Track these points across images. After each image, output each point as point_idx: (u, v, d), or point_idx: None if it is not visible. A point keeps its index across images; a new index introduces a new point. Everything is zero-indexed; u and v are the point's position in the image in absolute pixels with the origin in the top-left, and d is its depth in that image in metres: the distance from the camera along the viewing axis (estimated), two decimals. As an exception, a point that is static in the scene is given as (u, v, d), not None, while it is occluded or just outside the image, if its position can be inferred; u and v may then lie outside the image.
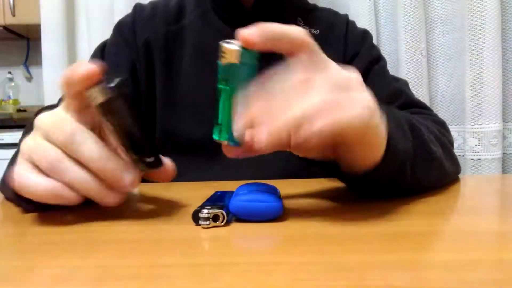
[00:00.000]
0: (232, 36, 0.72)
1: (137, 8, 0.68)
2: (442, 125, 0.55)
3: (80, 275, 0.21)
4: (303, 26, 0.67)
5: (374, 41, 0.82)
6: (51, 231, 0.29)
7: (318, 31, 0.67)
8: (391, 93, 0.63)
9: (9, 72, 2.12)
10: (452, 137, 0.55)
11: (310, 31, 0.66)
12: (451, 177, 0.46)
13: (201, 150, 0.62)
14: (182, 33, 0.65)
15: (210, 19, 0.65)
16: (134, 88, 0.64)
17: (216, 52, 0.71)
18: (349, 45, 0.67)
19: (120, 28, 0.67)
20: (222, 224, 0.29)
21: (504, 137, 0.96)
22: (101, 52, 0.65)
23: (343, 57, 0.67)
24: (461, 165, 0.95)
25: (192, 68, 0.63)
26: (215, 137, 0.31)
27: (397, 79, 0.67)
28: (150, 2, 0.69)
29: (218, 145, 0.29)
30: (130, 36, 0.65)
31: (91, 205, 0.37)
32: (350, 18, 0.72)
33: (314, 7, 0.72)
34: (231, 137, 0.30)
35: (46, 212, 0.34)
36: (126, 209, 0.36)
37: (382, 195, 0.37)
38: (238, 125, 0.29)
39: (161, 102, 0.64)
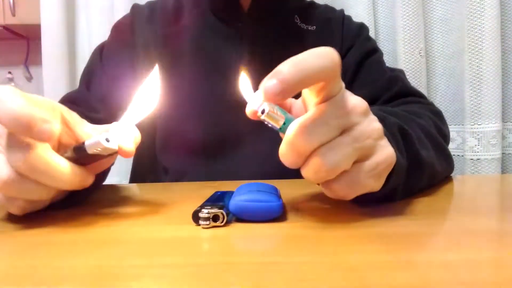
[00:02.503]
0: (229, 35, 0.71)
1: (135, 8, 0.68)
2: (439, 116, 0.55)
3: (80, 275, 0.21)
4: (299, 23, 0.67)
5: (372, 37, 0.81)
6: (51, 231, 0.29)
7: (315, 27, 0.67)
8: (386, 80, 0.63)
9: (9, 72, 2.12)
10: (448, 129, 0.55)
11: (307, 28, 0.67)
12: (443, 176, 0.46)
13: (201, 150, 0.62)
14: (181, 33, 0.65)
15: (207, 19, 0.65)
16: (133, 89, 0.64)
17: (214, 52, 0.70)
18: (345, 39, 0.67)
19: (119, 28, 0.66)
20: (222, 224, 0.29)
21: (503, 137, 0.96)
22: (99, 54, 0.65)
23: (340, 51, 0.67)
24: (461, 165, 0.96)
25: (191, 69, 0.63)
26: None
27: (392, 69, 0.67)
28: (147, 3, 0.69)
29: (218, 146, 0.29)
30: (129, 36, 0.64)
31: (92, 205, 0.37)
32: None
33: (311, 4, 0.72)
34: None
35: (46, 212, 0.34)
36: (126, 209, 0.36)
37: (369, 202, 0.35)
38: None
39: (161, 103, 0.64)
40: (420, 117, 0.46)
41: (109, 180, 0.57)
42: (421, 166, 0.36)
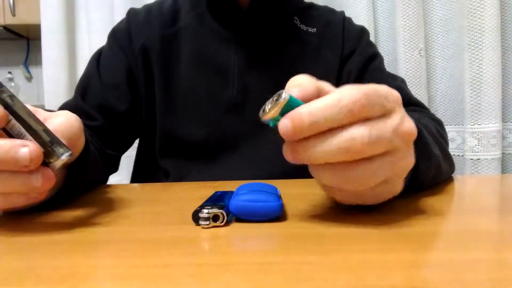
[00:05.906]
0: (227, 36, 0.71)
1: (131, 13, 0.67)
2: (440, 124, 0.56)
3: (80, 275, 0.21)
4: (299, 24, 0.67)
5: (372, 41, 0.82)
6: (51, 231, 0.29)
7: (315, 29, 0.67)
8: None
9: (9, 72, 2.12)
10: (447, 136, 0.56)
11: (307, 30, 0.67)
12: (445, 177, 0.47)
13: (202, 152, 0.62)
14: (179, 36, 0.64)
15: (206, 20, 0.65)
16: (132, 95, 0.64)
17: (212, 54, 0.70)
18: (346, 42, 0.67)
19: (115, 35, 0.66)
20: (222, 224, 0.29)
21: (503, 137, 0.96)
22: (97, 60, 0.65)
23: (341, 55, 0.67)
24: (461, 165, 0.96)
25: (190, 70, 0.63)
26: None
27: (394, 77, 0.67)
28: (144, 6, 0.68)
29: (218, 147, 0.29)
30: (126, 43, 0.64)
31: (92, 205, 0.37)
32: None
33: (311, 5, 0.71)
34: None
35: (46, 211, 0.34)
36: (126, 209, 0.36)
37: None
38: None
39: (160, 106, 0.63)
40: (424, 120, 0.48)
41: (109, 180, 0.57)
42: (431, 160, 0.38)
